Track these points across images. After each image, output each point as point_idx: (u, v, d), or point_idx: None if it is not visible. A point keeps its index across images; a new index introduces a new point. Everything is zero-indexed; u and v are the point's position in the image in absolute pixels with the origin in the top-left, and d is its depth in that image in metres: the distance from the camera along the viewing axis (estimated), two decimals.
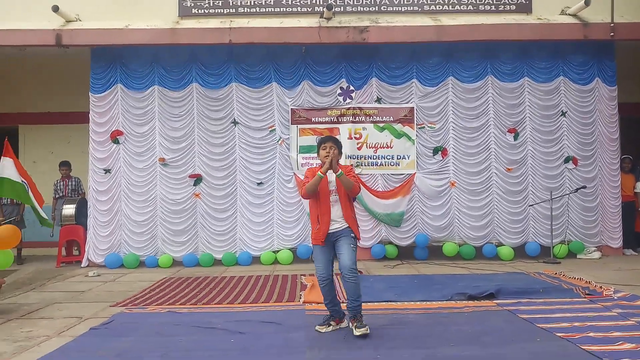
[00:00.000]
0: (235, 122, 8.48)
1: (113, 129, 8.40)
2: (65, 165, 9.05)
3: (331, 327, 4.36)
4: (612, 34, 8.07)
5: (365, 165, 8.50)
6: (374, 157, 8.56)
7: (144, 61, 8.46)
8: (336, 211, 4.33)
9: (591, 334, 4.06)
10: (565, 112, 8.52)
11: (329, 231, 4.31)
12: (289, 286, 6.33)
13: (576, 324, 4.38)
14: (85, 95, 8.50)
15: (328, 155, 4.30)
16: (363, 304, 5.16)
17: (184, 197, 8.41)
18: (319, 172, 4.26)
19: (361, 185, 8.21)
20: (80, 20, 8.38)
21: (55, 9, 7.93)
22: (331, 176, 4.34)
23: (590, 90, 8.55)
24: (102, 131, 8.41)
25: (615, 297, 5.36)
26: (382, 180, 8.50)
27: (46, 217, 7.11)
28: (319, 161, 4.42)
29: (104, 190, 8.37)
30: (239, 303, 5.49)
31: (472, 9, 8.61)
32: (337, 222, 4.32)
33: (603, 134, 8.54)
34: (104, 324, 4.67)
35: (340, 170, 4.27)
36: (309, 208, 4.54)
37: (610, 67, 8.58)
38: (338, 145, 4.43)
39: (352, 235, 4.32)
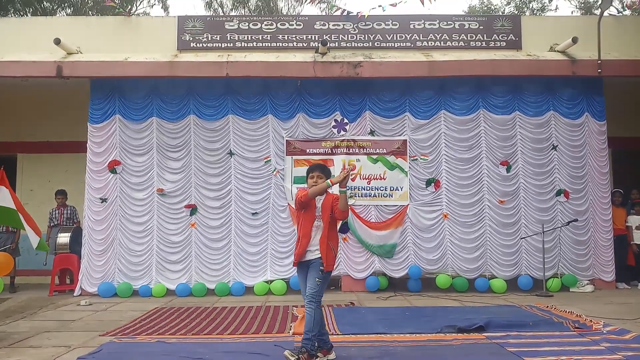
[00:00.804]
0: (231, 153, 8.59)
1: (111, 159, 8.50)
2: (61, 193, 9.13)
3: (318, 358, 4.36)
4: (599, 70, 8.26)
5: (358, 197, 8.58)
6: (368, 189, 8.65)
7: (142, 93, 8.64)
8: (316, 237, 4.37)
9: None
10: (556, 146, 8.65)
11: (304, 259, 4.37)
12: (280, 317, 6.32)
13: (563, 357, 4.39)
14: (84, 125, 8.65)
15: (316, 185, 4.37)
16: (353, 335, 5.22)
17: (180, 227, 8.46)
18: (327, 181, 4.34)
19: (353, 216, 8.38)
20: (81, 53, 8.61)
21: (57, 41, 8.17)
22: (318, 202, 4.41)
23: (580, 125, 8.70)
24: (100, 161, 8.52)
25: (605, 331, 5.36)
26: (375, 212, 8.56)
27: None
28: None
29: (100, 220, 8.41)
30: (228, 334, 5.49)
31: (463, 45, 8.87)
32: (313, 251, 4.36)
33: (594, 167, 8.66)
34: (91, 353, 4.67)
35: (345, 188, 4.31)
36: (298, 230, 4.57)
37: (599, 103, 8.75)
38: (325, 173, 4.49)
39: (321, 268, 4.30)
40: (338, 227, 4.68)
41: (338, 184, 4.32)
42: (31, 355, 4.66)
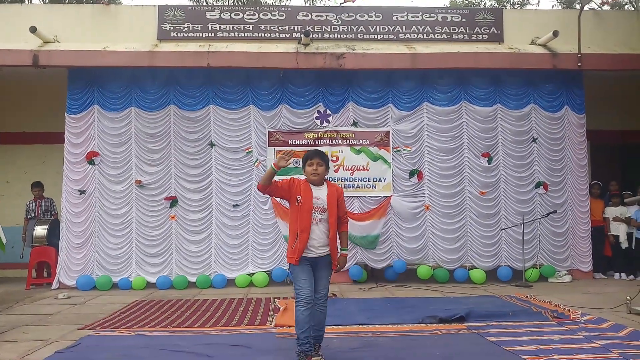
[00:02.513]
0: (212, 144, 8.49)
1: (89, 150, 8.33)
2: (37, 186, 8.94)
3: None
4: (579, 64, 8.36)
5: (341, 188, 8.54)
6: (351, 180, 8.64)
7: (121, 83, 8.46)
8: (321, 231, 4.01)
9: (556, 357, 4.12)
10: (536, 138, 8.73)
11: (310, 256, 3.99)
12: (262, 309, 6.30)
13: (542, 346, 4.45)
14: (61, 116, 8.45)
15: (315, 172, 4.03)
16: (335, 326, 5.22)
17: (159, 219, 8.34)
18: (272, 165, 4.00)
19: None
20: (58, 42, 8.41)
21: (33, 29, 7.97)
22: (318, 192, 4.05)
23: (560, 118, 8.79)
24: (78, 152, 8.34)
25: (582, 320, 5.45)
26: (359, 203, 8.56)
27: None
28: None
29: (79, 212, 8.25)
30: (209, 326, 5.44)
31: (445, 37, 8.89)
32: (317, 247, 4.01)
33: (572, 160, 8.76)
34: (70, 347, 4.59)
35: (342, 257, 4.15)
36: (290, 224, 4.17)
37: (579, 96, 8.84)
38: (325, 160, 4.13)
39: (337, 266, 4.13)
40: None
41: (320, 188, 4.07)
42: (7, 350, 4.56)
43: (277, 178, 4.10)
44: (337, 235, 4.14)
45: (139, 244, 8.27)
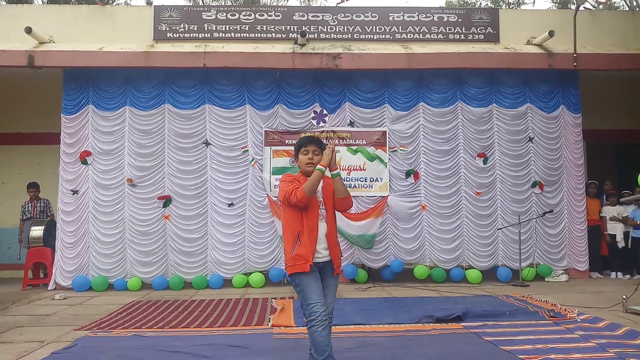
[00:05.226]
0: (207, 143, 8.46)
1: (82, 150, 8.31)
2: (33, 186, 8.92)
3: None
4: (575, 63, 8.38)
5: None
6: (347, 180, 8.61)
7: (116, 83, 8.44)
8: (322, 230, 3.44)
9: (552, 356, 4.13)
10: (532, 138, 8.75)
11: (318, 261, 3.40)
12: (259, 309, 6.29)
13: (539, 346, 4.46)
14: (57, 116, 8.43)
15: (311, 162, 3.46)
16: (332, 326, 5.20)
17: (152, 218, 8.30)
18: (319, 166, 3.36)
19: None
20: (53, 42, 8.39)
21: (28, 30, 7.94)
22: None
23: (556, 117, 8.81)
24: (72, 152, 8.31)
25: (579, 320, 5.47)
26: (355, 202, 8.54)
27: None
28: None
29: (72, 211, 8.21)
30: (206, 327, 5.44)
31: (442, 37, 8.90)
32: (320, 250, 3.43)
33: (568, 159, 8.78)
34: (66, 348, 4.58)
35: (337, 169, 3.47)
36: (286, 224, 3.52)
37: (575, 95, 8.87)
38: (322, 149, 3.54)
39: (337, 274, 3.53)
40: None
41: (327, 167, 3.41)
42: (3, 351, 4.55)
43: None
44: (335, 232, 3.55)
45: (132, 244, 8.23)
